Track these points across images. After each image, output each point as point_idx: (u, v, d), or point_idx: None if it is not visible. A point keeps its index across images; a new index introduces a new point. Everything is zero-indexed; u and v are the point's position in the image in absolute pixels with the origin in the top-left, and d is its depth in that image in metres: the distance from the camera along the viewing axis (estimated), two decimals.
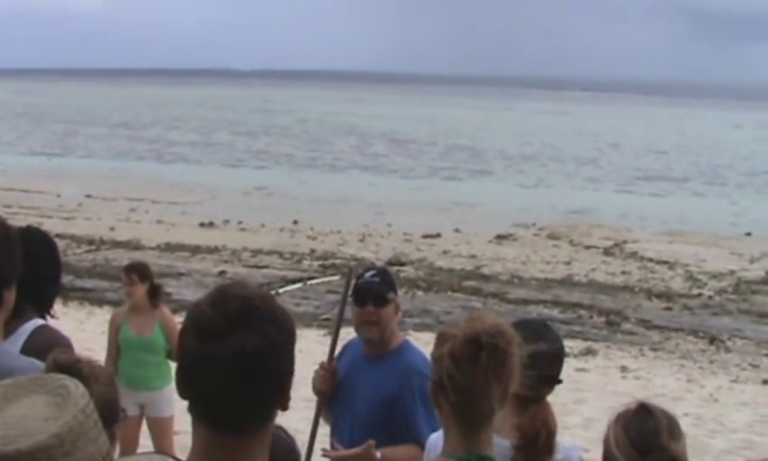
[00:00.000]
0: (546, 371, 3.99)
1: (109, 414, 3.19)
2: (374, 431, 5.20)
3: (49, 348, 3.42)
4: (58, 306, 4.56)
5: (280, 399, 2.37)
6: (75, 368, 3.14)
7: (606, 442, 3.16)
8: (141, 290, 9.26)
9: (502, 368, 3.01)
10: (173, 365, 9.45)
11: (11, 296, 3.78)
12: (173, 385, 9.63)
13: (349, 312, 5.52)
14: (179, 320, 9.08)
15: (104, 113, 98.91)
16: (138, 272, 9.37)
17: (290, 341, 2.37)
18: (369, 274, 5.52)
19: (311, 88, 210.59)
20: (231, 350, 2.26)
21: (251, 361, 2.28)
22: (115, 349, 9.40)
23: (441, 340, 3.10)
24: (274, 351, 2.31)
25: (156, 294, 9.41)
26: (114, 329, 9.44)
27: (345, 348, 5.71)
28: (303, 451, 4.67)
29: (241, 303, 2.31)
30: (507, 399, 3.10)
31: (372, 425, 5.26)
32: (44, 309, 4.36)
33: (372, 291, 5.43)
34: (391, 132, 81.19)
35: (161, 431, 9.45)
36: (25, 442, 1.87)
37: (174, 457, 2.35)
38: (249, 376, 2.29)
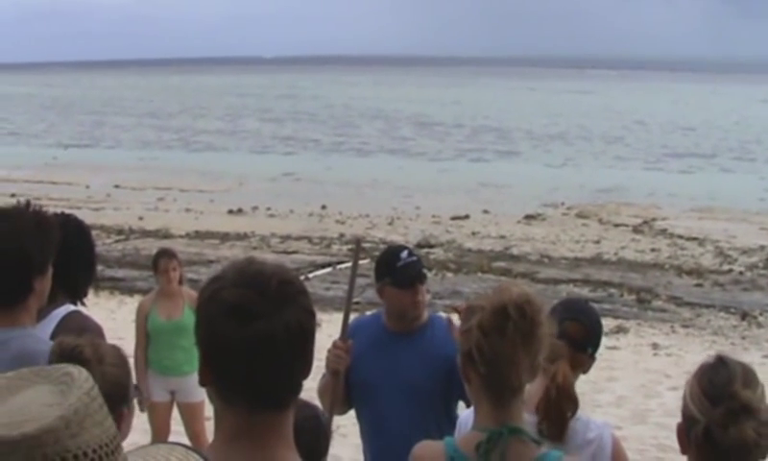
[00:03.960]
0: (572, 337, 4.00)
1: (116, 394, 3.19)
2: (438, 395, 5.29)
3: (80, 333, 3.45)
4: (89, 296, 4.59)
5: (310, 367, 2.41)
6: (77, 351, 3.17)
7: (684, 398, 3.14)
8: (179, 271, 9.43)
9: (531, 337, 3.01)
10: None
11: (42, 284, 3.83)
12: None
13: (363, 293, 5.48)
14: None
15: (130, 104, 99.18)
16: (177, 257, 9.51)
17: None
18: (404, 254, 5.51)
19: (335, 73, 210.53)
20: (280, 327, 2.28)
21: (297, 335, 2.31)
22: (144, 337, 9.44)
23: (469, 313, 3.10)
24: (312, 320, 2.37)
25: (180, 275, 9.56)
26: (143, 318, 9.49)
27: (353, 328, 5.59)
28: None
29: (277, 280, 2.32)
30: (537, 369, 3.10)
31: (432, 393, 5.33)
32: (77, 296, 4.40)
33: (417, 271, 5.47)
34: (417, 115, 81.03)
35: (193, 416, 9.49)
36: (31, 426, 1.85)
37: (183, 445, 2.35)
38: (295, 350, 2.33)
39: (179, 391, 9.41)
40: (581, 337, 4.12)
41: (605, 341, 17.06)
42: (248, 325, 2.28)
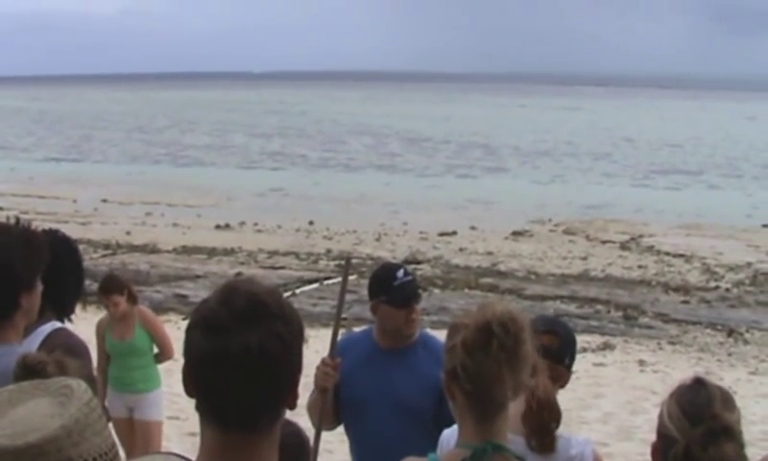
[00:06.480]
0: (548, 348, 4.02)
1: None
2: (429, 412, 5.23)
3: (65, 350, 3.45)
4: (76, 311, 4.59)
5: (289, 396, 2.35)
6: (40, 367, 3.19)
7: (660, 417, 3.14)
8: (123, 302, 9.22)
9: (515, 354, 3.03)
10: (162, 367, 9.52)
11: (30, 300, 3.83)
12: (161, 390, 9.67)
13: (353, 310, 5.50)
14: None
15: (118, 118, 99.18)
16: (118, 290, 9.22)
17: (298, 337, 2.34)
18: (400, 273, 5.52)
19: (324, 89, 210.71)
20: (238, 346, 2.23)
21: (257, 358, 2.25)
22: (104, 356, 9.40)
23: (453, 331, 3.11)
24: (281, 347, 2.28)
25: (132, 295, 9.37)
26: (100, 337, 9.43)
27: (344, 344, 5.64)
28: None
29: (248, 299, 2.28)
30: (521, 387, 3.11)
31: (423, 411, 5.28)
32: (64, 313, 4.39)
33: (413, 291, 5.50)
34: (405, 130, 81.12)
35: (147, 436, 9.34)
36: (34, 435, 1.92)
37: (178, 455, 2.36)
38: (256, 373, 2.26)
39: (135, 408, 9.40)
40: (557, 348, 4.17)
41: (592, 357, 17.12)
42: (209, 339, 2.26)
